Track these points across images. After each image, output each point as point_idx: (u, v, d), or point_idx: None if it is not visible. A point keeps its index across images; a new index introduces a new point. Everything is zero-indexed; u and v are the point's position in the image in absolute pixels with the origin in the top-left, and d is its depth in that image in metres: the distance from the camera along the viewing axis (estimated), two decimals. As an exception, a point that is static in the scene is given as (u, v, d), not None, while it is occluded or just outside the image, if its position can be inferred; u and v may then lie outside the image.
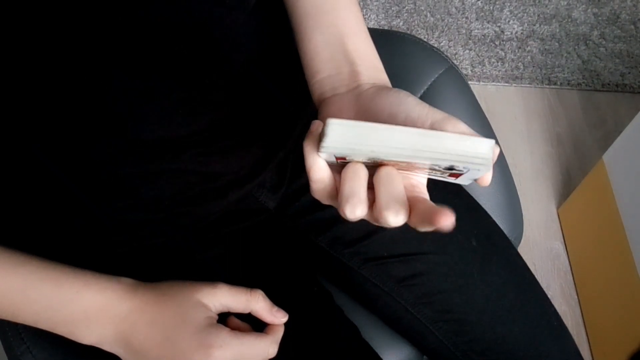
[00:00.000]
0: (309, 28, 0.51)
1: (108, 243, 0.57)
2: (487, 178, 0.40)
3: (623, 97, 1.61)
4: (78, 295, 0.49)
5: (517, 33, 1.70)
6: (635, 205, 1.09)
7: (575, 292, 1.33)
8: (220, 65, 0.52)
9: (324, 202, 0.42)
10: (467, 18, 1.72)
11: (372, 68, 0.49)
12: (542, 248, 1.39)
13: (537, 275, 0.68)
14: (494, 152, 0.39)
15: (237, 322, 0.54)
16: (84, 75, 0.46)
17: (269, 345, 0.52)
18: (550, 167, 1.51)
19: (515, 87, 1.63)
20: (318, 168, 0.40)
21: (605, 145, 1.29)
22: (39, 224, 0.55)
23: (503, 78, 1.63)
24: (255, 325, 0.54)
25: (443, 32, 1.69)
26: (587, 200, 1.30)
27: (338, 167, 0.41)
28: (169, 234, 0.59)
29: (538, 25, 1.72)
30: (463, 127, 0.40)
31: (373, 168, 0.40)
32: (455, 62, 1.63)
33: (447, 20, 1.71)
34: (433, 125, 0.40)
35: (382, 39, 0.86)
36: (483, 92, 1.61)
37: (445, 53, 1.28)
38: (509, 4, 1.75)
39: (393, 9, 1.73)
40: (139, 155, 0.51)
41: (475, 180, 0.40)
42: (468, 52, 1.66)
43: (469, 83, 0.87)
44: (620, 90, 1.62)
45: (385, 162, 0.39)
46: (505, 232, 0.72)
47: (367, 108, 0.45)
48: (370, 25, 1.69)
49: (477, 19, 1.72)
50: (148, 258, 0.59)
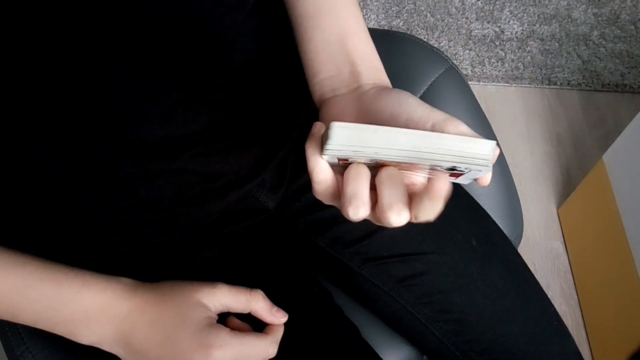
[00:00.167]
0: (309, 28, 0.51)
1: (108, 243, 0.57)
2: (486, 178, 0.40)
3: (623, 97, 1.61)
4: (78, 295, 0.49)
5: (517, 33, 1.70)
6: (635, 205, 1.09)
7: (575, 292, 1.33)
8: (220, 65, 0.52)
9: (327, 202, 0.43)
10: (467, 18, 1.72)
11: (372, 68, 0.49)
12: (542, 248, 1.39)
13: (537, 275, 0.68)
14: (495, 152, 0.39)
15: (237, 322, 0.54)
16: (84, 76, 0.46)
17: (269, 345, 0.52)
18: (550, 167, 1.51)
19: (515, 87, 1.63)
20: (320, 170, 0.40)
21: (605, 145, 1.29)
22: (39, 224, 0.55)
23: (503, 78, 1.63)
24: (255, 326, 0.54)
25: (443, 32, 1.69)
26: (587, 200, 1.30)
27: (340, 168, 0.41)
28: (169, 234, 0.59)
29: (538, 26, 1.72)
30: (464, 128, 0.40)
31: (375, 168, 0.40)
32: (455, 62, 1.63)
33: (447, 21, 1.71)
34: (434, 126, 0.40)
35: (382, 39, 0.86)
36: (483, 92, 1.61)
37: (445, 53, 1.28)
38: (509, 4, 1.75)
39: (393, 9, 1.73)
40: (139, 155, 0.51)
41: (475, 180, 0.41)
42: (468, 52, 1.66)
43: (469, 83, 0.87)
44: (620, 91, 1.62)
45: (387, 162, 0.39)
46: (505, 232, 0.72)
47: (368, 109, 0.45)
48: (370, 25, 1.69)
49: (477, 19, 1.72)
50: (148, 258, 0.59)
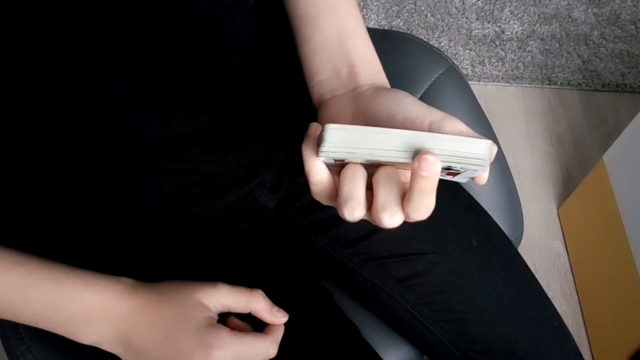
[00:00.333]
0: (308, 29, 0.51)
1: (108, 243, 0.57)
2: (484, 177, 0.40)
3: (623, 97, 1.61)
4: (78, 295, 0.49)
5: (517, 33, 1.70)
6: (636, 205, 1.09)
7: (576, 292, 1.33)
8: (220, 65, 0.52)
9: (324, 203, 0.43)
10: (467, 18, 1.72)
11: (370, 69, 0.49)
12: (542, 248, 1.39)
13: (537, 275, 0.68)
14: (492, 151, 0.39)
15: (237, 322, 0.54)
16: (84, 76, 0.46)
17: (269, 345, 0.52)
18: (551, 167, 1.51)
19: (516, 87, 1.63)
20: (317, 171, 0.40)
21: (606, 145, 1.29)
22: (39, 224, 0.55)
23: (503, 78, 1.63)
24: (256, 326, 0.54)
25: (443, 32, 1.69)
26: (587, 200, 1.30)
27: (337, 168, 0.41)
28: (169, 234, 0.59)
29: (538, 25, 1.72)
30: (461, 126, 0.40)
31: (373, 167, 0.40)
32: (456, 62, 1.63)
33: (447, 20, 1.71)
34: (431, 125, 0.40)
35: (382, 39, 0.87)
36: (483, 92, 1.61)
37: (446, 53, 1.28)
38: (510, 4, 1.75)
39: (393, 9, 1.73)
40: (139, 155, 0.51)
41: (473, 179, 0.41)
42: (468, 52, 1.66)
43: (469, 83, 0.87)
44: (621, 90, 1.62)
45: (384, 162, 0.39)
46: (506, 232, 0.72)
47: (365, 109, 0.45)
48: (371, 25, 1.69)
49: (477, 19, 1.72)
50: (148, 258, 0.59)
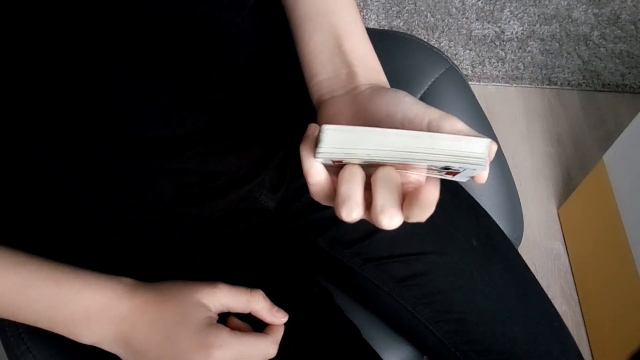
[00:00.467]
0: (307, 30, 0.51)
1: (108, 243, 0.57)
2: (483, 176, 0.40)
3: (623, 97, 1.61)
4: (78, 295, 0.49)
5: (517, 33, 1.70)
6: (636, 206, 1.09)
7: (576, 292, 1.33)
8: (220, 65, 0.52)
9: (323, 203, 0.43)
10: (467, 18, 1.72)
11: (369, 69, 0.49)
12: (542, 248, 1.39)
13: (537, 276, 0.68)
14: (491, 150, 0.39)
15: (237, 322, 0.54)
16: (84, 76, 0.46)
17: (269, 346, 0.52)
18: (551, 167, 1.51)
19: (516, 87, 1.63)
20: (315, 172, 0.40)
21: (606, 146, 1.29)
22: (39, 224, 0.55)
23: (503, 78, 1.63)
24: (256, 326, 0.54)
25: (443, 32, 1.69)
26: (587, 201, 1.30)
27: (336, 168, 0.41)
28: (169, 234, 0.59)
29: (538, 26, 1.72)
30: (460, 125, 0.40)
31: (371, 167, 0.40)
32: (456, 62, 1.63)
33: (447, 21, 1.71)
34: (430, 124, 0.40)
35: (382, 40, 0.86)
36: (483, 92, 1.61)
37: (446, 53, 1.28)
38: (510, 5, 1.75)
39: (393, 9, 1.73)
40: (139, 155, 0.51)
41: (472, 178, 0.40)
42: (468, 52, 1.66)
43: (469, 83, 0.87)
44: (621, 91, 1.62)
45: (383, 163, 0.39)
46: (506, 232, 0.72)
47: (364, 109, 0.45)
48: (371, 26, 1.69)
49: (477, 19, 1.72)
50: (148, 258, 0.59)
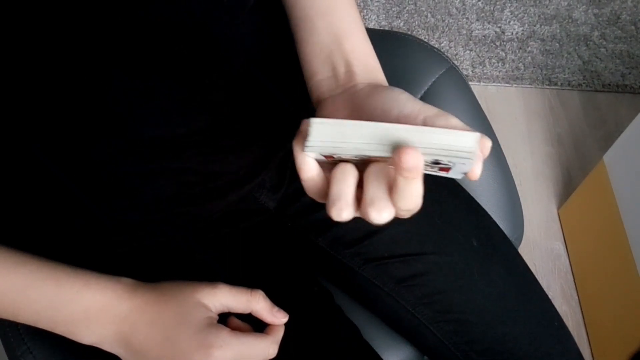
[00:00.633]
0: (307, 30, 0.51)
1: (108, 243, 0.57)
2: (476, 172, 0.39)
3: (623, 97, 1.61)
4: (78, 295, 0.49)
5: (517, 34, 1.70)
6: (636, 206, 1.09)
7: (576, 292, 1.33)
8: (220, 65, 0.52)
9: (318, 200, 0.42)
10: (467, 19, 1.72)
11: (368, 68, 0.49)
12: (542, 248, 1.39)
13: (537, 276, 0.68)
14: (485, 145, 0.38)
15: (237, 322, 0.54)
16: (84, 76, 0.46)
17: (269, 346, 0.52)
18: (551, 167, 1.51)
19: (516, 87, 1.63)
20: (308, 168, 0.40)
21: (606, 146, 1.29)
22: (39, 224, 0.55)
23: (503, 79, 1.63)
24: (256, 326, 0.54)
25: (444, 32, 1.69)
26: (587, 201, 1.30)
27: (330, 165, 0.41)
28: (169, 234, 0.59)
29: (539, 26, 1.72)
30: (455, 122, 0.39)
31: (364, 165, 0.39)
32: (456, 62, 1.63)
33: (447, 21, 1.71)
34: (425, 121, 0.40)
35: (382, 40, 0.86)
36: (484, 92, 1.61)
37: (446, 53, 1.28)
38: (510, 5, 1.75)
39: (394, 10, 1.73)
40: (139, 155, 0.51)
41: (465, 174, 0.40)
42: (469, 52, 1.66)
43: (470, 83, 0.87)
44: (621, 91, 1.62)
45: (374, 158, 0.39)
46: (506, 232, 0.72)
47: (360, 106, 0.45)
48: (371, 26, 1.69)
49: (477, 20, 1.72)
50: (148, 258, 0.59)
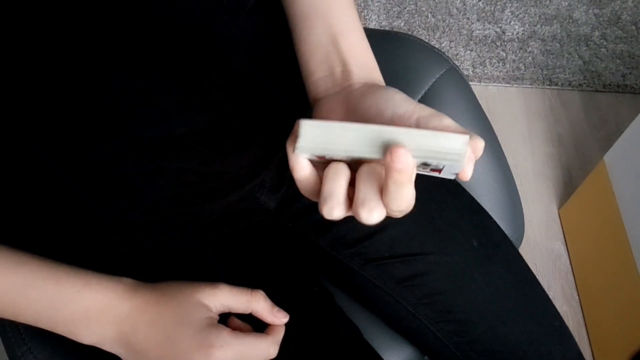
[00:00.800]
0: (305, 29, 0.51)
1: (108, 243, 0.57)
2: (467, 172, 0.39)
3: (624, 97, 1.61)
4: (79, 295, 0.49)
5: (518, 34, 1.70)
6: (636, 206, 1.08)
7: (577, 292, 1.33)
8: (220, 65, 0.52)
9: (314, 200, 0.42)
10: (468, 19, 1.72)
11: (365, 67, 0.49)
12: (543, 248, 1.39)
13: (538, 276, 0.68)
14: (477, 147, 0.38)
15: (238, 322, 0.54)
16: (84, 76, 0.46)
17: (270, 346, 0.52)
18: (551, 167, 1.50)
19: (517, 87, 1.63)
20: (300, 168, 0.40)
21: (607, 146, 1.29)
22: (39, 224, 0.55)
23: (504, 79, 1.63)
24: (256, 326, 0.54)
25: (444, 32, 1.69)
26: (588, 201, 1.30)
27: (323, 164, 0.41)
28: (169, 234, 0.59)
29: (539, 26, 1.71)
30: (448, 122, 0.40)
31: (357, 165, 0.39)
32: (457, 62, 1.63)
33: (448, 21, 1.71)
34: (419, 122, 0.40)
35: (383, 40, 0.86)
36: (484, 92, 1.61)
37: (447, 54, 1.28)
38: (510, 5, 1.75)
39: (394, 10, 1.73)
40: (139, 155, 0.51)
41: (457, 175, 0.40)
42: (469, 52, 1.66)
43: (470, 84, 0.87)
44: (622, 91, 1.62)
45: (366, 159, 0.39)
46: (507, 232, 0.72)
47: (355, 106, 0.45)
48: (371, 26, 1.69)
49: (478, 20, 1.72)
50: (148, 258, 0.59)
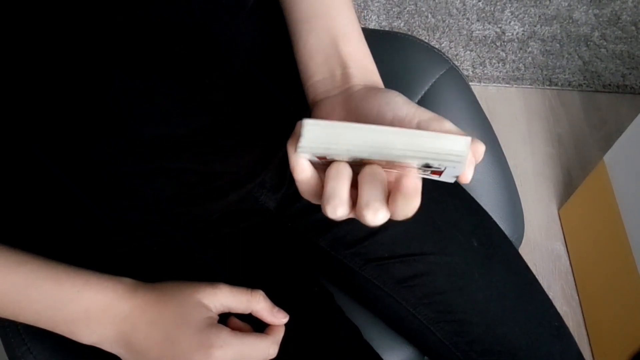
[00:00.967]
0: (304, 32, 0.51)
1: (108, 243, 0.57)
2: (467, 175, 0.39)
3: (624, 98, 1.61)
4: (79, 295, 0.49)
5: (518, 34, 1.70)
6: (636, 206, 1.08)
7: (576, 292, 1.33)
8: (220, 65, 0.52)
9: (313, 201, 0.42)
10: (468, 19, 1.72)
11: (364, 70, 0.50)
12: (543, 249, 1.39)
13: (538, 276, 0.68)
14: (478, 150, 0.38)
15: (237, 322, 0.54)
16: (84, 76, 0.46)
17: (270, 346, 0.52)
18: (551, 167, 1.50)
19: (516, 88, 1.63)
20: (301, 169, 0.40)
21: (606, 146, 1.29)
22: (39, 224, 0.55)
23: (504, 79, 1.63)
24: (256, 326, 0.54)
25: (444, 33, 1.69)
26: (588, 201, 1.30)
27: (324, 166, 0.41)
28: (169, 234, 0.59)
29: (539, 26, 1.71)
30: (449, 126, 0.40)
31: (359, 167, 0.40)
32: (456, 63, 1.63)
33: (448, 21, 1.71)
34: (420, 125, 0.40)
35: (383, 40, 0.86)
36: (484, 93, 1.61)
37: (446, 54, 1.28)
38: (510, 5, 1.75)
39: (394, 10, 1.73)
40: (139, 155, 0.51)
41: (457, 178, 0.40)
42: (469, 53, 1.66)
43: (470, 84, 0.87)
44: (621, 92, 1.62)
45: (368, 160, 0.39)
46: (506, 232, 0.72)
47: (356, 109, 0.45)
48: (371, 26, 1.69)
49: (478, 20, 1.72)
50: (148, 258, 0.59)
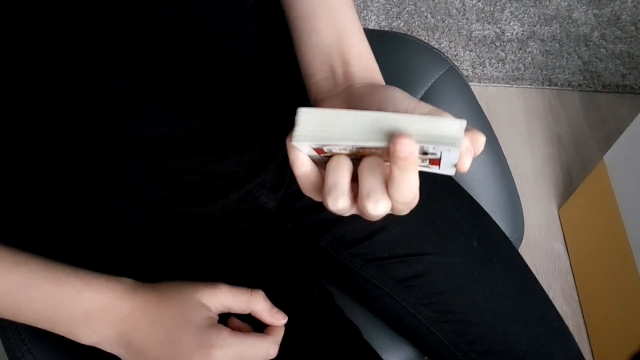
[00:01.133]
0: (305, 31, 0.51)
1: (108, 243, 0.57)
2: (465, 162, 0.38)
3: (624, 98, 1.61)
4: (79, 295, 0.49)
5: (517, 34, 1.70)
6: (636, 206, 1.09)
7: (576, 292, 1.33)
8: (220, 65, 0.52)
9: (314, 198, 0.42)
10: (467, 19, 1.72)
11: (366, 68, 0.50)
12: (543, 249, 1.39)
13: (538, 276, 0.68)
14: (478, 141, 0.38)
15: (237, 322, 0.54)
16: (84, 76, 0.46)
17: (270, 346, 0.52)
18: (551, 167, 1.51)
19: (516, 88, 1.63)
20: (300, 164, 0.40)
21: (606, 146, 1.29)
22: (39, 224, 0.55)
23: (504, 79, 1.63)
24: (256, 326, 0.54)
25: (444, 33, 1.69)
26: (588, 201, 1.30)
27: (324, 162, 0.41)
28: (169, 234, 0.59)
29: (539, 27, 1.72)
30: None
31: (359, 160, 0.39)
32: (456, 63, 1.63)
33: (447, 22, 1.71)
34: None
35: (382, 40, 0.87)
36: (484, 93, 1.61)
37: (446, 54, 1.28)
38: (510, 5, 1.75)
39: (394, 10, 1.73)
40: (139, 155, 0.51)
41: (455, 167, 0.39)
42: (469, 53, 1.66)
43: (470, 84, 0.87)
44: (621, 91, 1.62)
45: (368, 152, 0.38)
46: (506, 232, 0.72)
47: (357, 105, 0.45)
48: (371, 27, 1.69)
49: (477, 20, 1.72)
50: (148, 258, 0.59)
